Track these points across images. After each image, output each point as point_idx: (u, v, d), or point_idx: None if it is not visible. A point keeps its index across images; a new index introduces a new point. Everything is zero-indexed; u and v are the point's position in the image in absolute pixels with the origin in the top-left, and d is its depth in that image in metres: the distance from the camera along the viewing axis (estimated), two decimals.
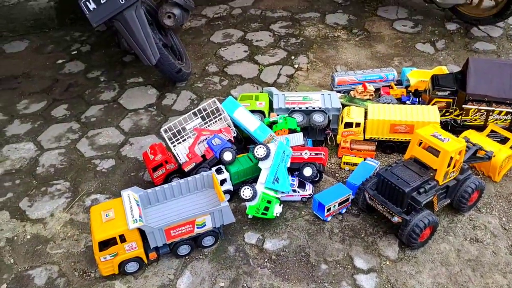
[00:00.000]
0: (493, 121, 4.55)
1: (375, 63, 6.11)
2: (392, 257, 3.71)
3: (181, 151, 4.33)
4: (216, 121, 4.54)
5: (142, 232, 3.49)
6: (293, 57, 6.31)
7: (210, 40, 6.82)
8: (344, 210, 4.09)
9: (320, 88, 5.55)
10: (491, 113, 4.49)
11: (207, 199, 3.91)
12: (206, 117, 4.54)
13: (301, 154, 4.22)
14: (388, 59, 6.18)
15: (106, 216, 3.45)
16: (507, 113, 4.45)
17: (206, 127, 4.49)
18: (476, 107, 4.49)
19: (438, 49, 6.30)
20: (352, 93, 5.36)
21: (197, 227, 3.59)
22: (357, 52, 6.35)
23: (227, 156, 4.12)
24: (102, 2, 4.59)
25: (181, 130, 4.46)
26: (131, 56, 6.40)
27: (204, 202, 3.88)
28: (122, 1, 4.59)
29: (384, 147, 4.70)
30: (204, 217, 3.57)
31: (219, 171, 4.12)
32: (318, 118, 4.63)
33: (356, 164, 4.45)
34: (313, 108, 4.70)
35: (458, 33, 6.59)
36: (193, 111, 4.54)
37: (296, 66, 6.13)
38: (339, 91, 5.42)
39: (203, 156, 4.22)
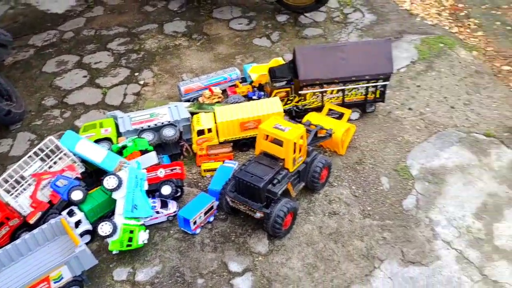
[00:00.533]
0: (328, 100, 4.93)
1: (219, 64, 6.21)
2: (263, 251, 3.81)
3: (23, 202, 3.89)
4: (58, 160, 4.17)
5: None
6: (137, 74, 6.11)
7: (43, 71, 6.27)
8: (212, 218, 4.09)
9: (169, 101, 5.45)
10: (325, 94, 4.86)
11: (62, 247, 3.58)
12: (46, 158, 4.15)
13: (156, 174, 4.10)
14: (231, 58, 6.33)
15: None
16: (338, 91, 4.85)
17: (48, 169, 4.10)
18: (311, 91, 4.82)
19: (274, 41, 6.63)
20: (200, 99, 5.38)
21: (54, 282, 3.26)
22: (200, 57, 6.40)
23: (76, 195, 3.82)
24: None
25: (20, 179, 4.01)
26: None
27: (58, 252, 3.55)
28: None
29: (240, 145, 4.80)
30: (59, 269, 3.26)
31: (71, 214, 3.80)
32: (168, 132, 4.54)
33: (215, 170, 4.47)
34: (162, 123, 4.59)
35: (289, 23, 7.02)
36: (28, 155, 4.10)
37: (141, 82, 5.95)
38: (188, 100, 5.39)
39: (50, 201, 3.85)
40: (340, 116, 4.91)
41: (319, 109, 4.97)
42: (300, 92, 4.83)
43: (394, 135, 4.88)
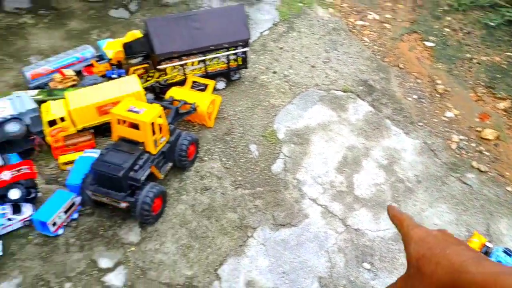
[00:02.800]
0: (191, 73, 4.77)
1: (73, 42, 5.65)
2: (135, 240, 3.66)
3: None
4: None
5: None
6: None
7: None
8: (76, 215, 3.80)
9: (14, 90, 4.83)
10: (185, 66, 4.68)
11: None
12: None
13: (0, 178, 3.63)
14: (86, 34, 5.80)
15: None
16: (199, 62, 4.71)
17: None
18: (170, 65, 4.61)
19: (132, 11, 6.21)
20: (51, 84, 4.86)
21: None
22: (50, 36, 5.75)
23: None
24: None
25: None
26: None
27: None
28: None
29: (102, 131, 4.47)
30: None
31: None
32: (12, 127, 4.04)
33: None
34: (4, 118, 4.06)
35: None
36: None
37: None
38: (37, 87, 4.84)
39: None
40: (205, 87, 4.79)
41: (182, 83, 4.80)
42: (159, 67, 4.59)
43: (260, 101, 4.93)
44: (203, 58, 4.68)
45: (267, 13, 6.20)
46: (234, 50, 4.73)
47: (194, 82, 4.79)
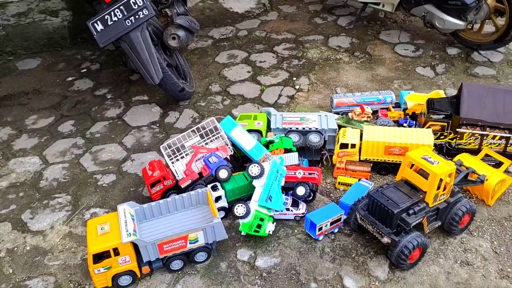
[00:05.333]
0: (487, 145, 4.59)
1: (375, 85, 6.21)
2: (381, 277, 3.74)
3: (179, 168, 4.45)
4: (214, 140, 4.67)
5: (136, 246, 3.58)
6: (294, 78, 6.45)
7: (215, 60, 7.02)
8: (336, 230, 4.15)
9: (319, 109, 5.65)
10: (485, 137, 4.54)
11: (201, 215, 4.00)
12: (204, 135, 4.67)
13: (295, 174, 4.30)
14: (388, 82, 6.28)
15: (102, 229, 3.56)
16: (501, 138, 4.50)
17: (204, 145, 4.62)
18: (470, 131, 4.55)
19: (438, 73, 6.39)
20: (350, 114, 5.46)
21: (190, 243, 3.67)
22: (358, 75, 6.47)
23: (223, 174, 4.23)
24: (109, 23, 4.79)
25: (180, 148, 4.60)
26: (137, 75, 6.60)
27: (198, 218, 3.98)
28: (128, 23, 4.79)
29: (379, 168, 4.76)
30: (196, 232, 3.66)
31: (214, 188, 4.22)
32: (314, 138, 4.73)
33: (350, 185, 4.51)
34: (310, 128, 4.80)
35: (459, 58, 6.68)
36: (192, 129, 4.68)
37: (297, 87, 6.26)
38: (337, 113, 5.52)
39: (200, 173, 4.33)
40: (497, 164, 4.53)
41: (474, 152, 4.66)
42: (457, 129, 4.59)
43: None
44: (508, 135, 4.43)
45: None
46: None
47: (487, 155, 4.58)
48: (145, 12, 4.80)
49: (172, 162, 4.50)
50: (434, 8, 6.38)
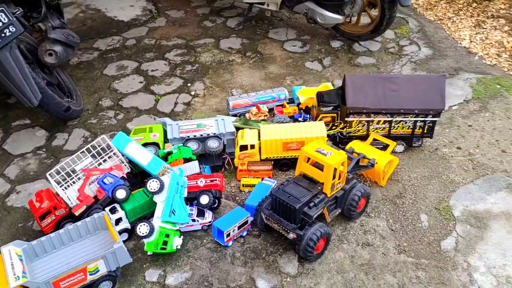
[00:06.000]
0: (374, 130, 4.90)
1: (269, 83, 6.34)
2: (292, 272, 3.81)
3: (71, 194, 4.12)
4: (108, 159, 4.40)
5: None
6: (189, 84, 6.34)
7: (104, 73, 6.64)
8: (245, 233, 4.14)
9: (216, 113, 5.62)
10: (371, 123, 4.84)
11: (101, 242, 3.75)
12: (97, 155, 4.39)
13: (196, 183, 4.22)
14: (281, 78, 6.45)
15: None
16: (385, 122, 4.83)
17: (98, 166, 4.33)
18: (357, 119, 4.82)
19: (325, 66, 6.70)
20: (247, 115, 5.50)
21: (90, 274, 3.41)
22: (252, 74, 6.55)
23: (120, 194, 4.00)
24: None
25: (71, 172, 4.26)
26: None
27: (98, 246, 3.72)
28: None
29: (281, 165, 4.86)
30: (96, 262, 3.41)
31: (113, 211, 3.98)
32: (212, 144, 4.68)
33: (254, 185, 4.54)
34: (208, 134, 4.74)
35: (342, 50, 7.07)
36: (81, 150, 4.36)
37: (192, 93, 6.16)
38: (235, 115, 5.53)
39: (95, 197, 4.05)
40: (384, 147, 4.87)
41: (363, 137, 4.95)
42: (346, 119, 4.84)
43: (439, 173, 4.77)
44: (390, 119, 4.78)
45: (459, 89, 6.07)
46: (423, 117, 4.73)
47: (375, 139, 4.90)
48: (12, 29, 4.36)
49: (63, 189, 4.16)
50: (314, 5, 6.68)
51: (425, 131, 4.89)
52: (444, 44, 7.17)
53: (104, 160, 4.37)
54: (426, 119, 4.76)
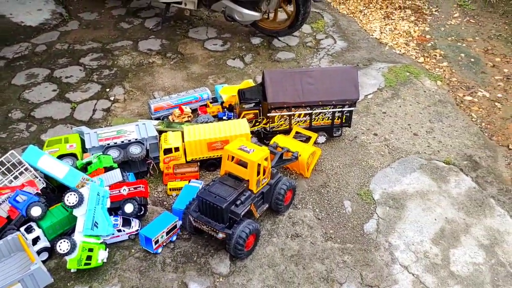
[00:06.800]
0: (296, 124, 5.02)
1: (191, 84, 6.26)
2: (224, 272, 3.81)
3: None
4: (19, 175, 4.11)
5: None
6: (108, 90, 6.10)
7: (12, 83, 6.19)
8: (174, 238, 4.07)
9: (138, 118, 5.45)
10: (292, 117, 4.96)
11: (19, 264, 3.50)
12: (7, 172, 4.08)
13: (119, 191, 4.07)
14: (203, 78, 6.40)
15: None
16: (305, 115, 4.96)
17: (8, 183, 4.03)
18: (279, 113, 4.91)
19: (247, 63, 6.75)
20: (170, 117, 5.40)
21: None
22: (173, 76, 6.44)
23: (36, 211, 3.76)
24: None
25: None
26: None
27: (15, 269, 3.47)
28: None
29: (207, 165, 4.83)
30: (13, 286, 3.17)
31: (29, 230, 3.73)
32: (134, 150, 4.53)
33: (181, 188, 4.47)
34: (129, 140, 4.58)
35: (263, 46, 7.17)
36: None
37: (112, 98, 5.93)
38: (158, 118, 5.40)
39: (8, 217, 3.77)
40: (307, 139, 5.00)
41: (287, 131, 5.06)
42: (268, 114, 4.91)
43: (359, 160, 5.00)
44: (310, 111, 4.93)
45: (373, 78, 6.40)
46: (341, 108, 4.93)
47: (297, 132, 5.03)
48: None
49: None
50: (231, 3, 6.70)
51: (344, 121, 5.10)
52: (357, 36, 7.52)
53: (15, 177, 4.08)
54: (343, 109, 4.96)
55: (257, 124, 5.02)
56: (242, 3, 6.61)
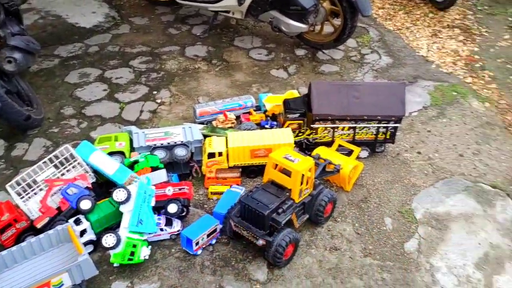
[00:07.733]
0: (339, 137, 5.02)
1: (235, 91, 6.36)
2: (261, 279, 3.83)
3: (32, 206, 3.98)
4: (72, 169, 4.28)
5: None
6: (155, 92, 6.28)
7: (65, 81, 6.47)
8: (214, 241, 4.13)
9: (183, 121, 5.59)
10: (336, 130, 4.96)
11: (65, 254, 3.64)
12: (60, 165, 4.26)
13: (164, 191, 4.18)
14: (247, 86, 6.49)
15: None
16: (349, 128, 4.95)
17: (61, 176, 4.21)
18: (323, 125, 4.92)
19: (290, 73, 6.81)
20: (214, 123, 5.49)
21: None
22: (218, 82, 6.56)
23: (85, 204, 3.90)
24: None
25: (32, 183, 4.12)
26: None
27: (62, 259, 3.61)
28: None
29: (248, 172, 4.88)
30: (60, 276, 3.30)
31: (77, 222, 3.87)
32: (180, 152, 4.64)
33: (222, 193, 4.54)
34: (175, 142, 4.70)
35: (307, 58, 7.21)
36: (43, 160, 4.22)
37: (158, 101, 6.10)
38: (201, 123, 5.52)
39: (58, 208, 3.93)
40: (349, 153, 4.98)
41: (329, 144, 5.06)
42: (312, 125, 4.93)
43: (401, 177, 4.93)
44: (354, 125, 4.91)
45: (418, 96, 6.31)
46: (385, 123, 4.89)
47: (340, 145, 5.02)
48: None
49: (24, 201, 4.01)
50: (279, 14, 6.78)
51: (388, 137, 5.05)
52: (403, 53, 7.45)
53: (68, 170, 4.25)
54: (388, 125, 4.92)
55: (300, 134, 5.05)
56: (290, 15, 6.68)
